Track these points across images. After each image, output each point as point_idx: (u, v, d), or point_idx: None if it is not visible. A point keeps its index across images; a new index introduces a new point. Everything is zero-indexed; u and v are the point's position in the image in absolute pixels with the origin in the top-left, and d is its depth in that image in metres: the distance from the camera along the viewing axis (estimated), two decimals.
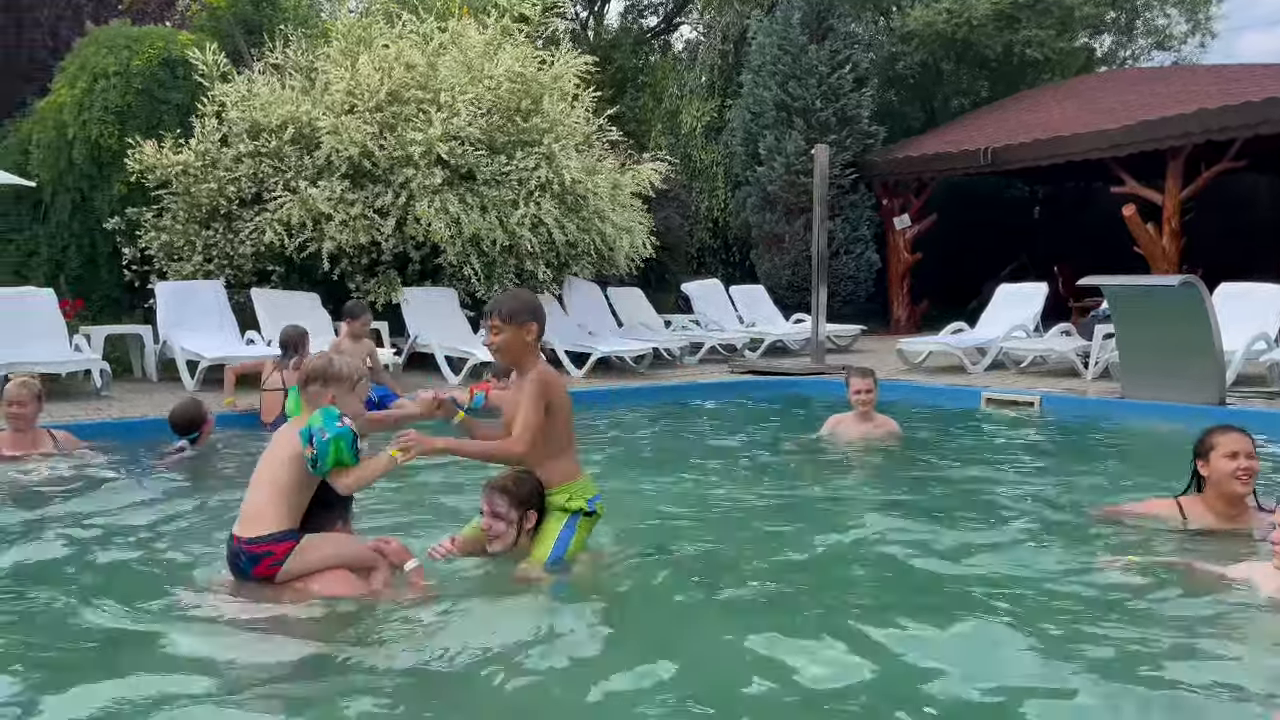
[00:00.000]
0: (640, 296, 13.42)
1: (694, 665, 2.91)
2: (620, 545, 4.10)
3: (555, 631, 3.12)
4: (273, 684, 2.81)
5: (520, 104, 11.76)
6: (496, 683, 2.79)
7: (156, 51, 11.51)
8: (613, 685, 2.75)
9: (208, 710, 2.62)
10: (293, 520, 3.37)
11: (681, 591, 3.63)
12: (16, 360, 8.29)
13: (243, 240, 10.98)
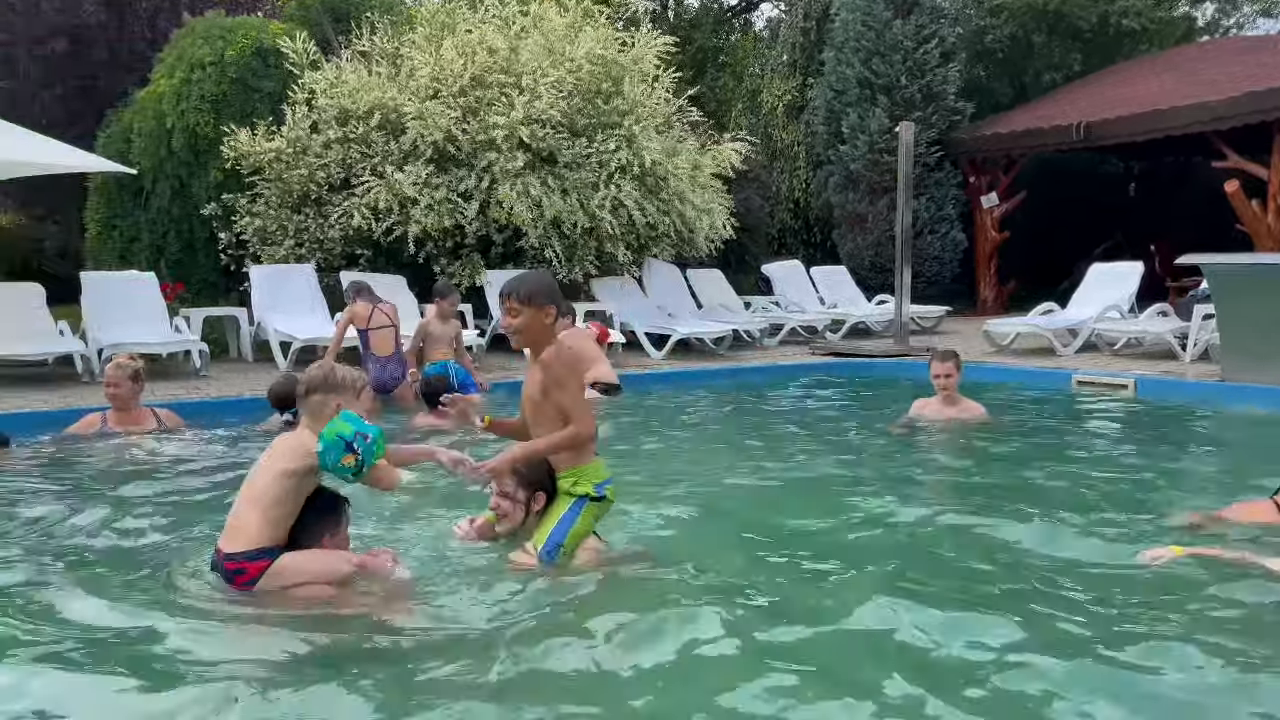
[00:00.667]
0: (720, 278, 13.38)
1: (703, 661, 2.85)
2: (639, 537, 4.04)
3: (540, 629, 3.02)
4: (250, 682, 2.71)
5: (601, 86, 11.79)
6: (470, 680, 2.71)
7: (249, 41, 11.85)
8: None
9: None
10: (275, 536, 3.26)
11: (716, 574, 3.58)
12: (122, 340, 8.69)
13: (332, 225, 11.26)
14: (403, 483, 3.65)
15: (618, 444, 6.36)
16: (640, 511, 4.32)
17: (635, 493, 4.50)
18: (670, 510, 4.44)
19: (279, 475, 3.28)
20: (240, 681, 2.66)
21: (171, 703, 2.57)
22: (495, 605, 3.27)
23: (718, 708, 2.54)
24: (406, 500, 4.55)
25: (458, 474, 3.61)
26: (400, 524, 4.23)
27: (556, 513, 3.60)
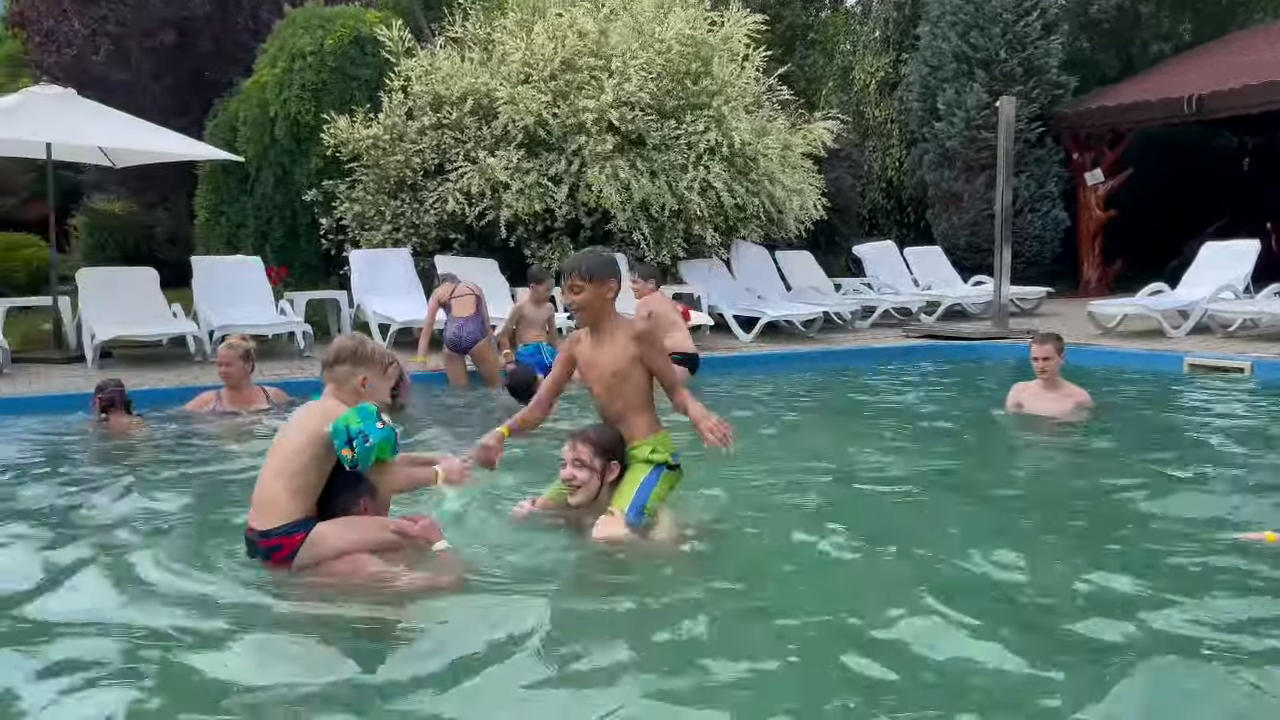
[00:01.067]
0: (810, 259, 13.22)
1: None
2: (718, 512, 4.03)
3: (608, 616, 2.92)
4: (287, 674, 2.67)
5: (690, 67, 11.73)
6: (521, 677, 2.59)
7: (347, 30, 12.13)
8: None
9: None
10: (305, 508, 3.20)
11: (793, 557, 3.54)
12: (231, 322, 9.04)
13: (427, 209, 11.48)
14: (414, 489, 3.60)
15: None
16: (718, 493, 4.29)
17: (715, 476, 4.46)
18: (749, 493, 4.39)
19: (301, 446, 3.22)
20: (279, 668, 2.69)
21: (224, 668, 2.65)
22: (567, 578, 3.29)
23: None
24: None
25: (464, 482, 3.57)
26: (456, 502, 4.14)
27: (635, 479, 3.63)
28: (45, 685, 2.53)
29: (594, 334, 3.69)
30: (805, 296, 12.15)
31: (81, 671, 2.60)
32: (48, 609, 3.07)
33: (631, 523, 3.54)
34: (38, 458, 5.41)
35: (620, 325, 3.68)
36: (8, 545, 3.70)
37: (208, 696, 2.49)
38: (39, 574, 3.36)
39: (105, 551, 3.59)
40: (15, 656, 2.70)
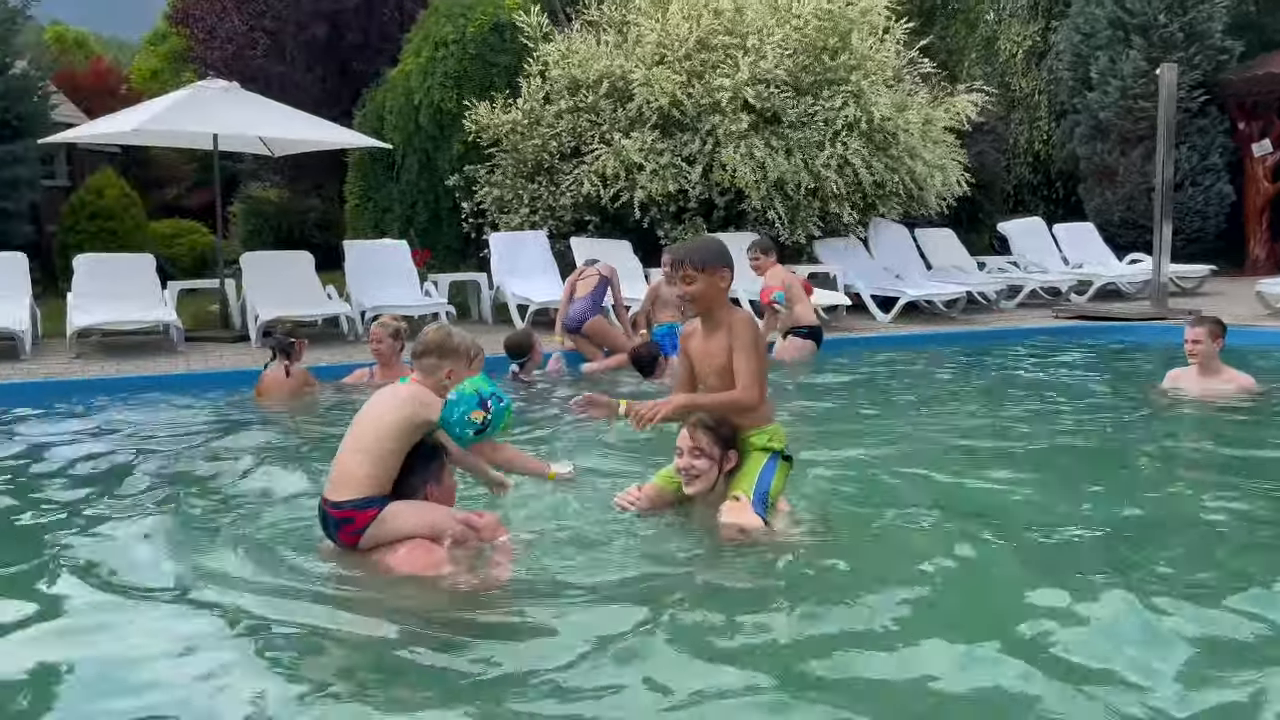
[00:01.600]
0: (951, 237, 12.81)
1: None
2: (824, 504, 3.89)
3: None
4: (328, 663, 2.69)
5: (828, 42, 11.51)
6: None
7: (487, 17, 12.42)
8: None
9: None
10: (381, 486, 3.21)
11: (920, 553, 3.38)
12: (381, 303, 9.43)
13: (563, 192, 11.68)
14: (525, 473, 3.62)
15: (836, 409, 6.26)
16: (854, 479, 4.18)
17: (851, 460, 4.38)
18: (886, 479, 4.27)
19: (386, 425, 3.24)
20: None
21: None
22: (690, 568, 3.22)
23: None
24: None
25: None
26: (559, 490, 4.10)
27: (754, 467, 3.57)
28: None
29: (706, 325, 3.64)
30: (947, 275, 11.80)
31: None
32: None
33: (756, 510, 3.49)
34: (213, 429, 5.79)
35: (728, 315, 3.61)
36: (181, 512, 3.98)
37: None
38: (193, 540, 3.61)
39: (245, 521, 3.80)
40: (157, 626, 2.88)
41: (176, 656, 2.65)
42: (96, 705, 2.44)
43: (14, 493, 4.36)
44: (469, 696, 2.41)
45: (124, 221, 13.93)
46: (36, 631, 2.83)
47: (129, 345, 9.20)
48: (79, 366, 8.07)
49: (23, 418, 6.16)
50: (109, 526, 3.77)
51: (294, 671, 2.60)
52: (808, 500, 3.86)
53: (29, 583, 3.19)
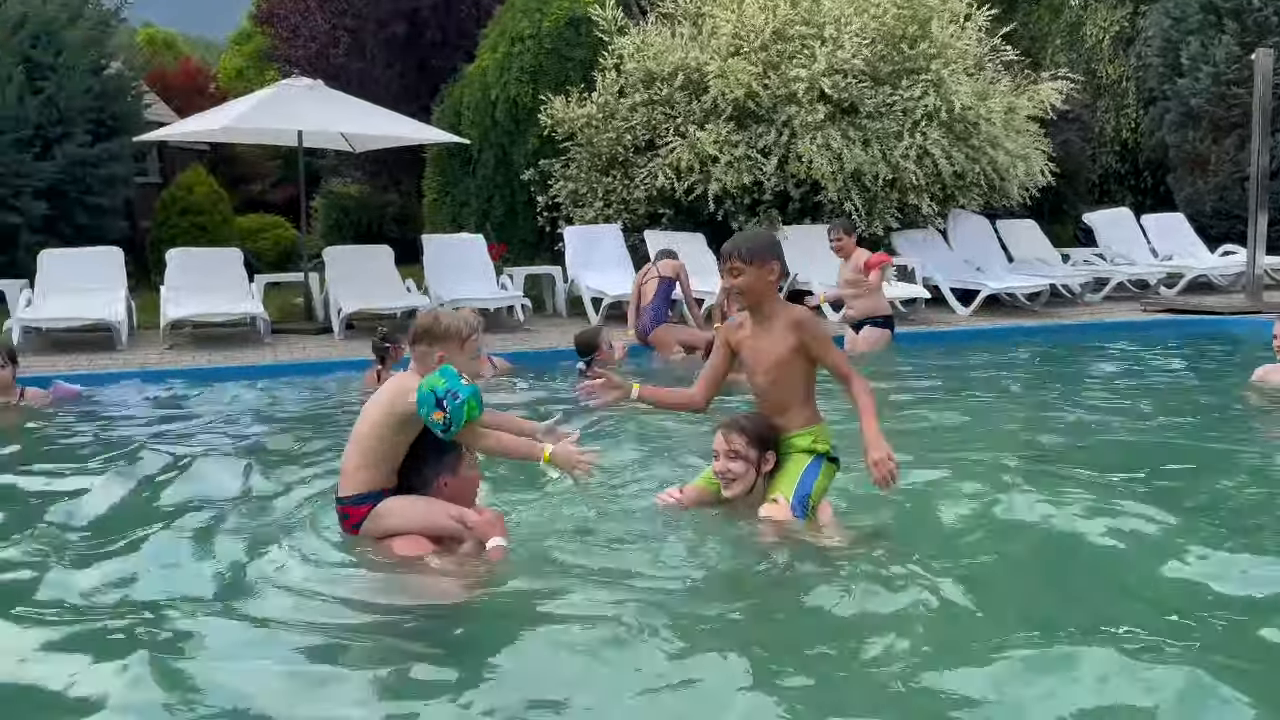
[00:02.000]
0: (1034, 228, 12.50)
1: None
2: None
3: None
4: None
5: (907, 30, 11.31)
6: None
7: (563, 12, 12.48)
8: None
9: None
10: (375, 481, 3.26)
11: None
12: (458, 296, 9.58)
13: (637, 185, 11.69)
14: (487, 454, 3.45)
15: (910, 404, 6.15)
16: (921, 480, 4.02)
17: (921, 459, 4.23)
18: (952, 481, 4.07)
19: (378, 420, 3.26)
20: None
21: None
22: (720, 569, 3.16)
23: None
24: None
25: (573, 468, 3.36)
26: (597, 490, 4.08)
27: (795, 469, 3.47)
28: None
29: (756, 319, 3.51)
30: (1029, 268, 11.52)
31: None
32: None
33: (796, 512, 3.39)
34: (298, 416, 5.96)
35: (782, 310, 3.50)
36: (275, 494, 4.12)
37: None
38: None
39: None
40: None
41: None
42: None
43: (113, 477, 4.53)
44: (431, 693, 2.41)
45: (212, 216, 14.37)
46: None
47: (218, 336, 9.51)
48: (171, 356, 8.36)
49: (120, 405, 6.41)
50: (189, 517, 3.88)
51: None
52: (864, 500, 3.71)
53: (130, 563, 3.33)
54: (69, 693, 2.44)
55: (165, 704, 2.34)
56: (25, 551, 3.44)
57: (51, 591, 3.09)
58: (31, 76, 12.61)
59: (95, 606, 2.99)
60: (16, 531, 3.68)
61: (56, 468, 4.70)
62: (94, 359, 8.20)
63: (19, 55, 12.50)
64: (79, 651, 2.65)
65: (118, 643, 2.69)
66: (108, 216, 13.42)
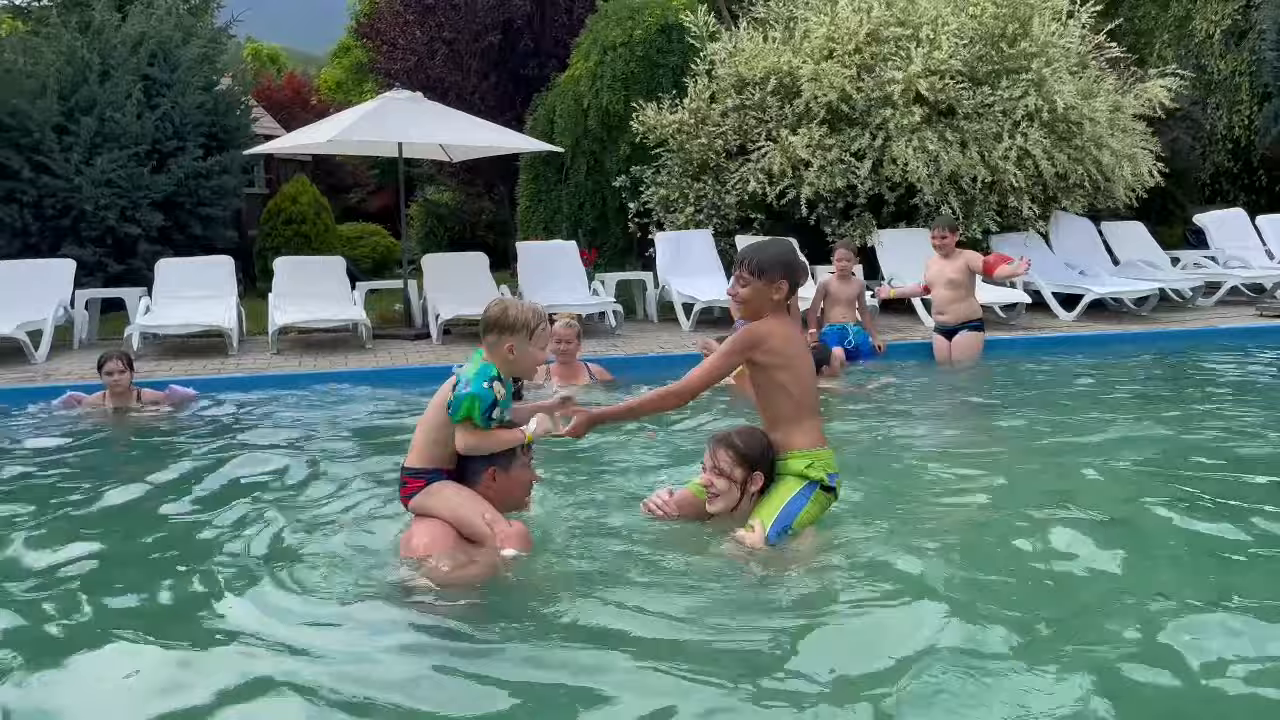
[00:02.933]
0: (1141, 230, 12.06)
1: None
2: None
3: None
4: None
5: (1006, 29, 11.05)
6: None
7: (655, 20, 12.56)
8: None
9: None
10: (435, 460, 3.33)
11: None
12: (552, 302, 9.68)
13: (728, 190, 11.68)
14: (470, 452, 3.37)
15: (1003, 411, 5.98)
16: (1002, 486, 3.89)
17: (1008, 470, 4.10)
18: (1044, 503, 3.83)
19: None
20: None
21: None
22: (692, 589, 3.06)
23: None
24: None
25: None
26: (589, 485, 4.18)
27: (784, 494, 3.35)
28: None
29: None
30: (1136, 271, 11.13)
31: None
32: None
33: (771, 542, 3.25)
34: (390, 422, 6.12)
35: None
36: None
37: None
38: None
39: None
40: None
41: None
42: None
43: (222, 476, 4.73)
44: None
45: (315, 225, 14.86)
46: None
47: (322, 342, 9.82)
48: (279, 361, 8.67)
49: (232, 407, 6.68)
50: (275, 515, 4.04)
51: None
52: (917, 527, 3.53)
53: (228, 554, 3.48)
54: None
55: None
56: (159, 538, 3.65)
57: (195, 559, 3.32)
58: (149, 93, 13.25)
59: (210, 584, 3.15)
60: (135, 522, 3.89)
61: (176, 466, 4.94)
62: (208, 363, 8.56)
63: (138, 73, 13.14)
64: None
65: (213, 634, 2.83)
66: (218, 226, 14.01)
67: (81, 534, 3.83)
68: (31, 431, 6.09)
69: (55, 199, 12.47)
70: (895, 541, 3.39)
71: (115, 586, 3.28)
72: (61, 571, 3.41)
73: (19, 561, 3.52)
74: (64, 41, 13.08)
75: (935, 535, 3.48)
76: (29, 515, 4.13)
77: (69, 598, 3.15)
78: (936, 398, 7.04)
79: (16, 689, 2.54)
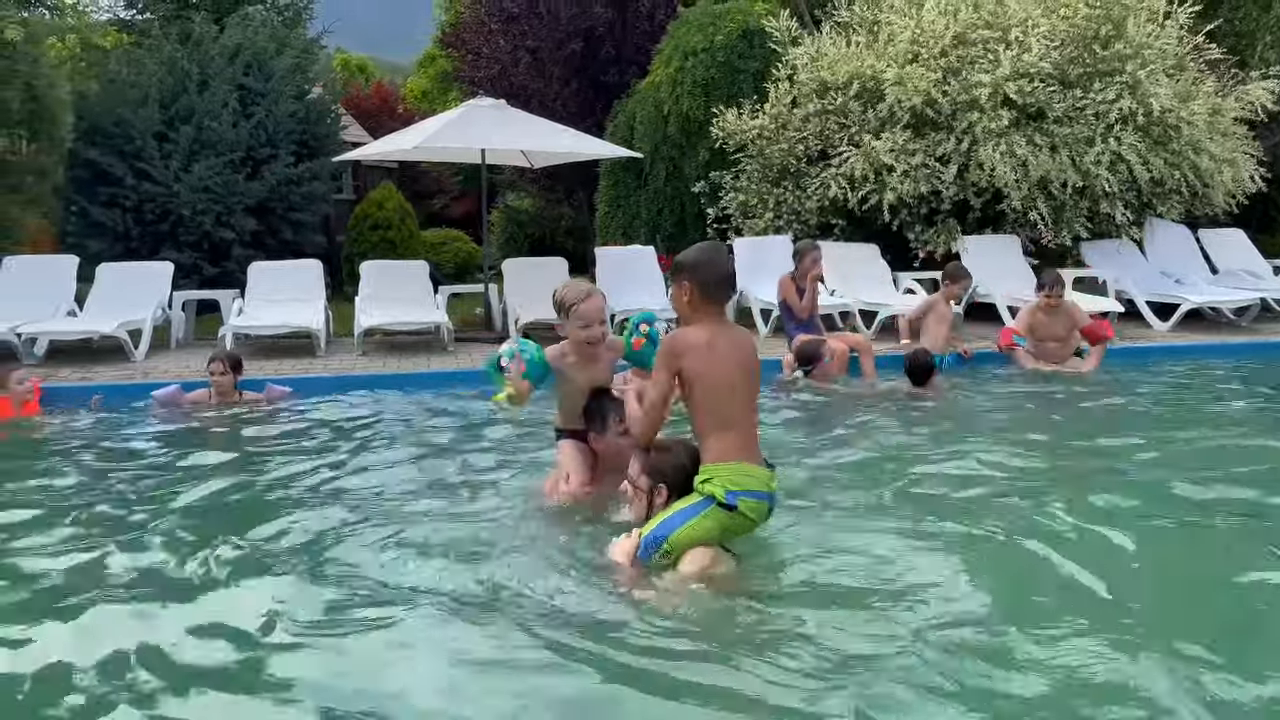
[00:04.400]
0: (1242, 238, 11.60)
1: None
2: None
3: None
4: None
5: (1099, 30, 10.74)
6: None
7: (736, 25, 12.54)
8: None
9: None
10: (562, 421, 4.02)
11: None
12: (629, 307, 9.71)
13: (809, 195, 11.57)
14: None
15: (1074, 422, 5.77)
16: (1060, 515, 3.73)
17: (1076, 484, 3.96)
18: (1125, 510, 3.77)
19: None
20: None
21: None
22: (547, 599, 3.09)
23: None
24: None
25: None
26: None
27: (674, 508, 3.24)
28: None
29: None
30: (1236, 280, 10.69)
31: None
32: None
33: (640, 555, 3.16)
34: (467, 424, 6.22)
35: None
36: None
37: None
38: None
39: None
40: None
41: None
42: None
43: (328, 463, 4.87)
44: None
45: (400, 231, 15.18)
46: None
47: (406, 344, 10.01)
48: (364, 362, 8.87)
49: (322, 404, 6.87)
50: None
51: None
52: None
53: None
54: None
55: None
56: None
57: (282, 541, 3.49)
58: (244, 102, 13.71)
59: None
60: (252, 511, 4.03)
61: (281, 461, 5.12)
62: (297, 363, 8.80)
63: (234, 83, 13.61)
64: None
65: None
66: (308, 231, 14.40)
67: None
68: (139, 426, 6.35)
69: (155, 204, 12.98)
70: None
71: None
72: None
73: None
74: (165, 52, 13.62)
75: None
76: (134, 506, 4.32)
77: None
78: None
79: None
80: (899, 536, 3.58)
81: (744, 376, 3.25)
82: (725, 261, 3.33)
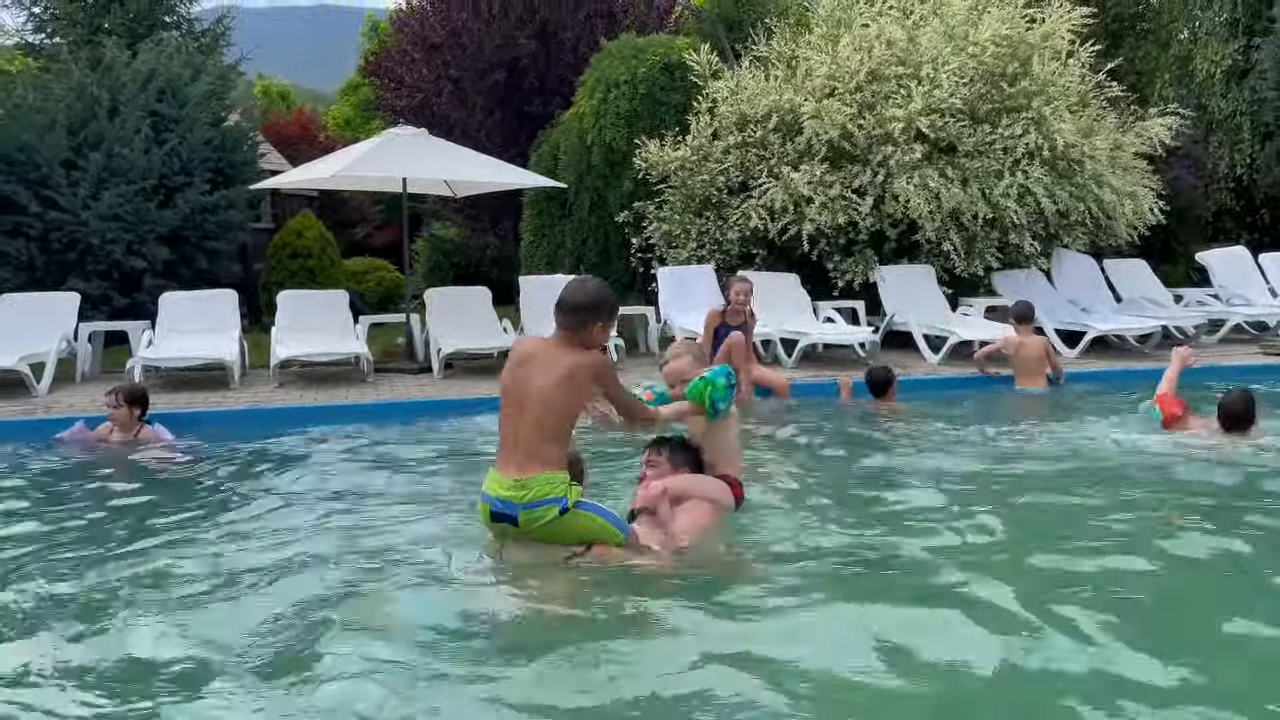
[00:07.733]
0: (1143, 268, 12.08)
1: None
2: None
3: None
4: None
5: (1006, 68, 11.15)
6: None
7: (658, 58, 12.69)
8: None
9: None
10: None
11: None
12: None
13: (730, 226, 11.72)
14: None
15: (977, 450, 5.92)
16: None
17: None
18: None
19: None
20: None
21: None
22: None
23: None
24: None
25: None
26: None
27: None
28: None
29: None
30: (1139, 309, 11.12)
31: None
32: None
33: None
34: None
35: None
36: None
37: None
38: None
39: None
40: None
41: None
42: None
43: (225, 502, 4.72)
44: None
45: (321, 260, 14.92)
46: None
47: (324, 375, 9.82)
48: (281, 394, 8.67)
49: (230, 441, 6.68)
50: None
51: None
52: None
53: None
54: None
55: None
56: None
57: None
58: (157, 129, 13.38)
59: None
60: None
61: (180, 503, 4.93)
62: (210, 396, 8.56)
63: (146, 109, 13.29)
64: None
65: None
66: (224, 260, 14.06)
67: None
68: (36, 460, 6.09)
69: (61, 233, 12.55)
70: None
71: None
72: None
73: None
74: (74, 78, 13.24)
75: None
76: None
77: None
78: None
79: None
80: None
81: (537, 394, 3.67)
82: (569, 292, 3.85)
